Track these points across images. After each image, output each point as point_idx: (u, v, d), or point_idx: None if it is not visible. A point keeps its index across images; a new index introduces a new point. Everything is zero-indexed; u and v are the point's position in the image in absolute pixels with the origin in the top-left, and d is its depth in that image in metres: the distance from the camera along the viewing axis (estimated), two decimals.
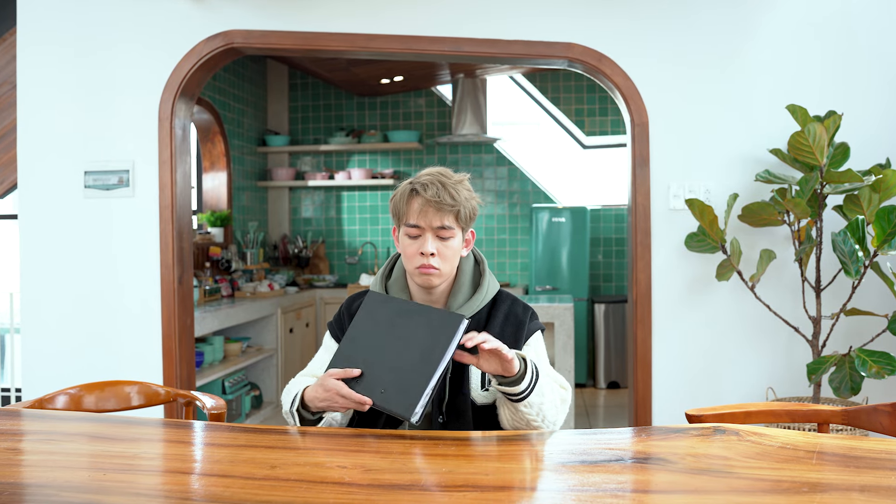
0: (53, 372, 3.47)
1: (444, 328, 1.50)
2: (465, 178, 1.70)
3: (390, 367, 1.52)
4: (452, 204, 1.63)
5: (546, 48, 3.28)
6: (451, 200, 1.63)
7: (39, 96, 3.50)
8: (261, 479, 1.23)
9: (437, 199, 1.62)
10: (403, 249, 1.68)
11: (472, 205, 1.69)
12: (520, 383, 1.53)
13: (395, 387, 1.49)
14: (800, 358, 3.17)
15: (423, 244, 1.64)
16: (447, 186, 1.64)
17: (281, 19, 3.37)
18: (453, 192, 1.64)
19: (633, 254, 3.29)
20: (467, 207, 1.66)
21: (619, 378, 5.89)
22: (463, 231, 1.69)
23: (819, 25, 3.19)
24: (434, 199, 1.62)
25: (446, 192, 1.63)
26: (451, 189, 1.64)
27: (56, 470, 1.31)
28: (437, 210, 1.63)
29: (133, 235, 3.45)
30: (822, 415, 1.71)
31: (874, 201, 2.82)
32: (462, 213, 1.65)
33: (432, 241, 1.64)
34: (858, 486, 1.14)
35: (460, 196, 1.65)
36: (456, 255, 1.69)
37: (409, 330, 1.54)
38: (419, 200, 1.64)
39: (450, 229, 1.65)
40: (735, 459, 1.28)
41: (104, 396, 2.01)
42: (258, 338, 5.19)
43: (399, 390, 1.48)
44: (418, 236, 1.65)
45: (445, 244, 1.66)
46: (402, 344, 1.53)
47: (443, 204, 1.63)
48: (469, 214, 1.67)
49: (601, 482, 1.19)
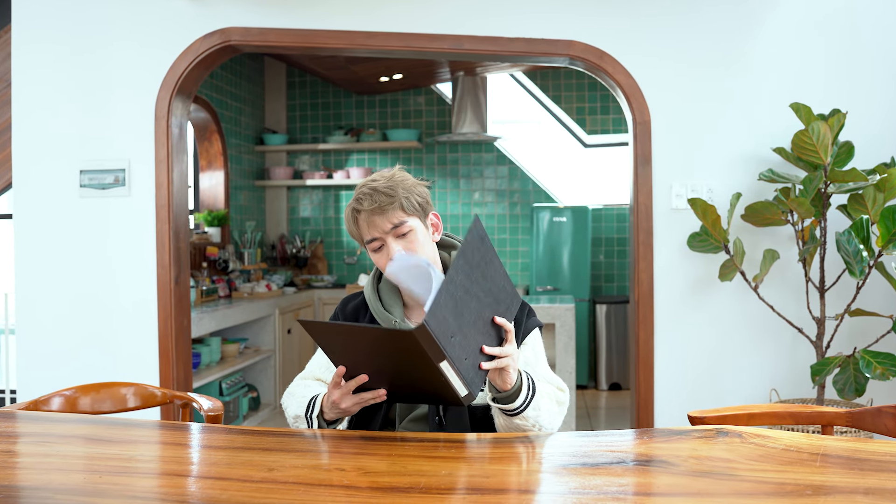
0: (49, 373, 3.45)
1: (506, 301, 1.43)
2: (394, 171, 1.69)
3: (472, 333, 1.40)
4: (390, 200, 1.62)
5: (547, 46, 3.25)
6: (388, 198, 1.62)
7: (35, 95, 3.47)
8: (258, 481, 1.22)
9: (375, 205, 1.62)
10: (377, 265, 1.69)
11: (417, 191, 1.67)
12: (514, 399, 1.51)
13: (472, 359, 1.39)
14: (803, 359, 3.15)
15: (389, 251, 1.64)
16: (378, 189, 1.63)
17: (279, 16, 3.34)
18: (386, 191, 1.63)
19: (635, 254, 3.26)
20: (410, 196, 1.65)
21: (620, 379, 5.86)
22: (421, 218, 1.68)
23: (823, 22, 3.16)
24: (371, 207, 1.62)
25: (379, 194, 1.62)
26: (384, 189, 1.63)
27: (51, 472, 1.30)
28: (381, 214, 1.62)
29: (129, 235, 3.42)
30: (826, 417, 1.69)
31: (879, 201, 2.79)
32: (406, 203, 1.64)
33: (394, 244, 1.63)
34: (863, 489, 1.13)
35: (396, 190, 1.64)
36: (425, 243, 1.67)
37: (487, 285, 1.43)
38: (363, 216, 1.64)
39: (403, 224, 1.64)
40: (738, 462, 1.27)
41: (100, 398, 2.00)
42: (256, 339, 5.16)
43: (473, 365, 1.39)
44: (381, 246, 1.65)
45: (408, 239, 1.64)
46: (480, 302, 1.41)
47: (382, 206, 1.62)
48: (416, 201, 1.66)
49: (602, 485, 1.18)
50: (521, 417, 1.53)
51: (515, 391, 1.50)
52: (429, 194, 1.71)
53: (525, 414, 1.53)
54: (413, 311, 1.75)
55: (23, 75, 3.48)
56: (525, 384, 1.53)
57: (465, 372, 1.37)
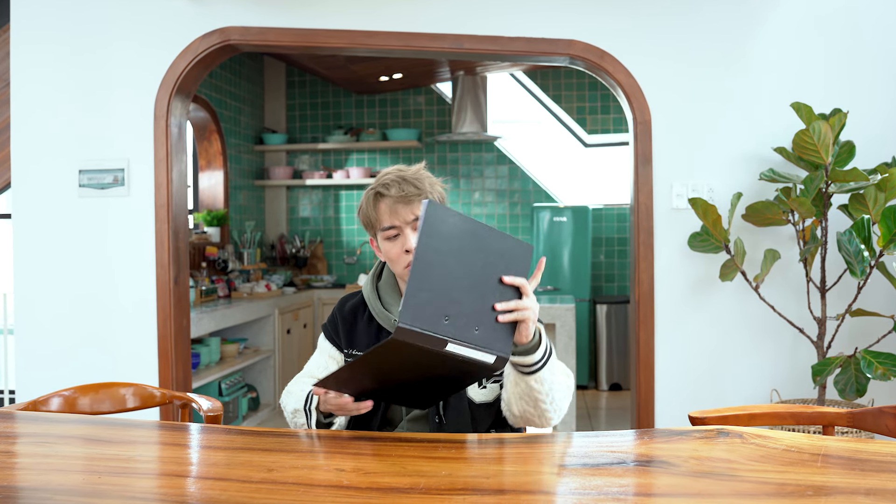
0: (47, 373, 3.44)
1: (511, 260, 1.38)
2: (421, 166, 1.69)
3: (473, 303, 1.36)
4: (418, 193, 1.62)
5: (548, 45, 3.25)
6: (416, 190, 1.62)
7: (34, 94, 3.46)
8: (258, 482, 1.21)
9: (403, 194, 1.62)
10: (387, 254, 1.66)
11: (439, 189, 1.68)
12: (534, 352, 1.48)
13: (486, 325, 1.35)
14: (804, 359, 3.14)
15: (405, 241, 1.62)
16: (408, 179, 1.63)
17: (278, 15, 3.33)
18: (416, 182, 1.63)
19: (636, 254, 3.26)
20: (434, 194, 1.65)
21: (621, 380, 5.86)
22: None
23: (823, 22, 3.15)
24: (399, 193, 1.62)
25: (409, 184, 1.63)
26: (413, 180, 1.63)
27: (50, 473, 1.29)
28: (407, 204, 1.62)
29: (128, 235, 3.41)
30: (828, 417, 1.69)
31: (880, 200, 2.78)
32: (431, 198, 1.64)
33: (412, 236, 1.62)
34: (864, 490, 1.12)
35: (424, 184, 1.64)
36: None
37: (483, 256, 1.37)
38: (386, 202, 1.63)
39: None
40: (739, 462, 1.26)
41: (99, 398, 1.99)
42: (255, 339, 5.15)
43: (490, 329, 1.35)
44: (397, 236, 1.64)
45: None
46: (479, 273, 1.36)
47: (409, 196, 1.62)
48: (439, 200, 1.66)
49: (603, 485, 1.17)
50: (536, 379, 1.50)
51: (534, 345, 1.48)
52: (446, 199, 1.72)
53: (541, 375, 1.50)
54: None
55: (22, 75, 3.47)
56: (544, 340, 1.51)
57: (482, 340, 1.34)
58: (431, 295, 1.28)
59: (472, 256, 1.35)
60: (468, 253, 1.34)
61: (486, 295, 1.36)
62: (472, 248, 1.34)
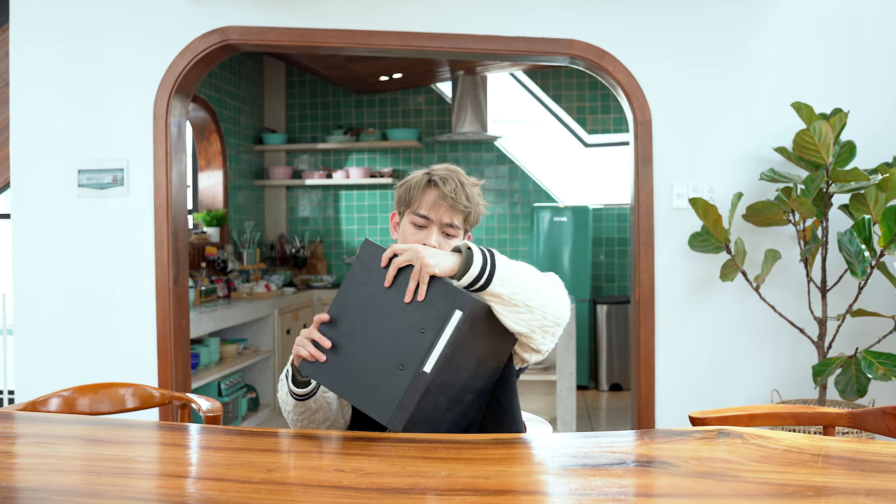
0: (47, 374, 3.43)
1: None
2: (479, 183, 1.69)
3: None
4: (466, 205, 1.62)
5: (548, 45, 3.24)
6: (466, 202, 1.62)
7: (33, 94, 3.46)
8: (257, 482, 1.21)
9: (454, 197, 1.60)
10: (404, 237, 1.64)
11: (481, 210, 1.68)
12: (465, 273, 1.37)
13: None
14: (805, 359, 3.14)
15: (428, 237, 1.61)
16: (465, 186, 1.63)
17: (278, 15, 3.33)
18: (469, 193, 1.63)
19: (636, 254, 3.25)
20: (476, 212, 1.65)
21: (621, 380, 5.85)
22: (465, 234, 1.68)
23: (824, 21, 3.15)
24: (451, 195, 1.60)
25: (463, 191, 1.62)
26: (468, 190, 1.63)
27: (49, 473, 1.29)
28: (451, 207, 1.61)
29: (128, 235, 3.40)
30: (828, 417, 1.69)
31: (881, 200, 2.78)
32: (472, 216, 1.65)
33: (437, 237, 1.61)
34: (864, 490, 1.12)
35: (473, 199, 1.64)
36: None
37: (402, 302, 1.35)
38: (435, 193, 1.62)
39: (456, 229, 1.63)
40: (739, 463, 1.26)
41: (98, 399, 1.99)
42: (255, 339, 5.15)
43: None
44: (424, 227, 1.62)
45: (448, 242, 1.63)
46: (393, 323, 1.36)
47: (458, 202, 1.61)
48: (476, 219, 1.67)
49: (603, 486, 1.17)
50: (492, 293, 1.37)
51: (464, 263, 1.38)
52: (482, 215, 1.70)
53: (493, 288, 1.37)
54: None
55: (21, 74, 3.46)
56: (475, 251, 1.38)
57: (431, 327, 1.33)
58: (370, 375, 1.37)
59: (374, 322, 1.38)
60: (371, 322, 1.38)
61: (397, 322, 1.38)
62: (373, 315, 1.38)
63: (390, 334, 1.38)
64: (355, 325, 1.41)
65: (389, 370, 1.37)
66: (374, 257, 1.42)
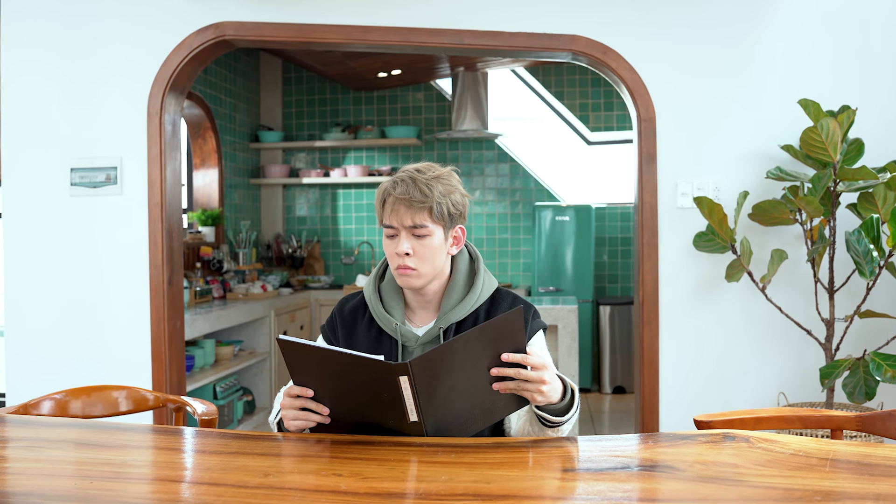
0: (38, 376, 3.39)
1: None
2: (444, 171, 1.62)
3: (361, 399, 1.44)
4: (423, 200, 1.56)
5: (550, 40, 3.19)
6: (421, 196, 1.56)
7: (24, 90, 3.41)
8: (254, 487, 1.21)
9: (406, 197, 1.56)
10: (385, 250, 1.64)
11: (452, 199, 1.60)
12: (566, 413, 1.49)
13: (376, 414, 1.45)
14: (812, 362, 3.09)
15: (399, 245, 1.58)
16: (418, 182, 1.57)
17: (274, 11, 3.28)
18: (424, 189, 1.56)
19: (640, 254, 3.20)
20: (443, 203, 1.58)
21: (624, 383, 5.80)
22: (445, 228, 1.61)
23: (831, 17, 3.10)
24: (402, 196, 1.56)
25: (416, 188, 1.56)
26: (423, 185, 1.56)
27: (41, 478, 1.29)
28: (408, 208, 1.57)
29: (121, 235, 3.36)
30: (836, 421, 1.68)
31: (889, 199, 2.74)
32: (436, 209, 1.57)
33: (406, 241, 1.58)
34: (873, 495, 1.11)
35: (433, 192, 1.57)
36: (437, 255, 1.61)
37: (356, 381, 1.42)
38: (390, 199, 1.59)
39: (424, 227, 1.58)
40: (745, 467, 1.26)
41: (91, 402, 2.00)
42: (251, 341, 5.10)
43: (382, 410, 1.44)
44: (394, 236, 1.60)
45: (422, 243, 1.58)
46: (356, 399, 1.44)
47: (412, 201, 1.56)
48: (448, 210, 1.59)
49: (606, 490, 1.17)
50: (557, 431, 1.52)
51: (566, 405, 1.48)
52: (466, 207, 1.64)
53: (563, 428, 1.52)
54: (415, 314, 1.69)
55: (11, 69, 3.42)
56: (571, 396, 1.50)
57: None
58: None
59: (467, 363, 1.39)
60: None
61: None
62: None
63: (366, 391, 1.43)
64: (332, 388, 1.46)
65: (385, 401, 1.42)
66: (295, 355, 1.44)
